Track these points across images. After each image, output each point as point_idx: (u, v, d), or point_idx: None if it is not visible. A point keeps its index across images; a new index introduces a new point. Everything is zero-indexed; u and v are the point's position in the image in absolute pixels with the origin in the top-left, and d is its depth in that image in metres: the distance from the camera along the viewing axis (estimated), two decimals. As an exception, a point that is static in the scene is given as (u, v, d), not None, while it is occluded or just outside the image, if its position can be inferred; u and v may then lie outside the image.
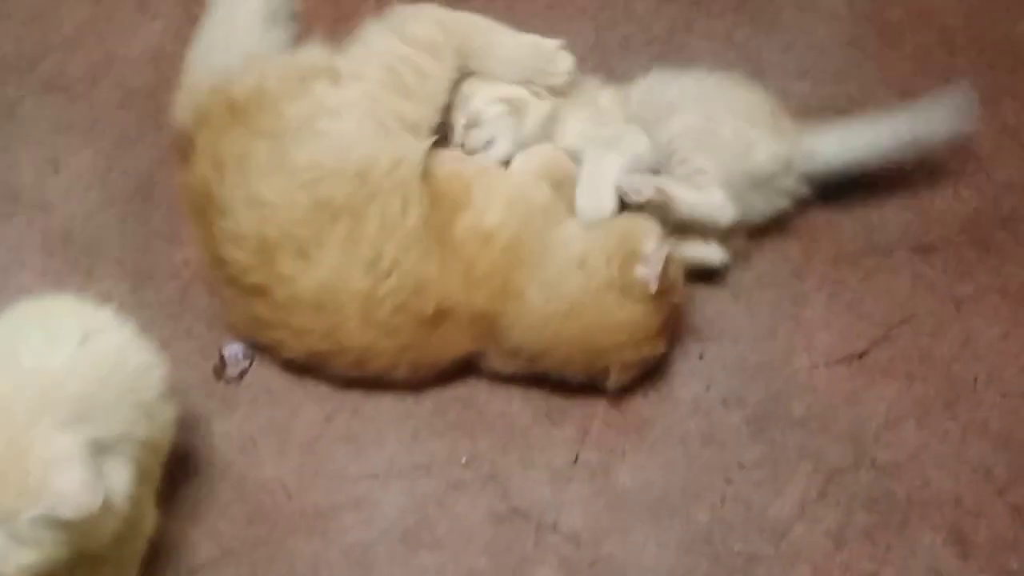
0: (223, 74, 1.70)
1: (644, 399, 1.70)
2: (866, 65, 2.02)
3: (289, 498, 1.61)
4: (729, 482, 1.64)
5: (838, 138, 1.78)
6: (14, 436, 1.25)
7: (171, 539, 1.55)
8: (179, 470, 1.58)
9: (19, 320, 1.41)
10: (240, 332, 1.70)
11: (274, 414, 1.67)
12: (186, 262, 1.75)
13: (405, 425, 1.67)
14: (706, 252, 1.74)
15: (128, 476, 1.33)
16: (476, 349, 1.66)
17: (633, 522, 1.61)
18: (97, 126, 1.86)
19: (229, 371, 1.70)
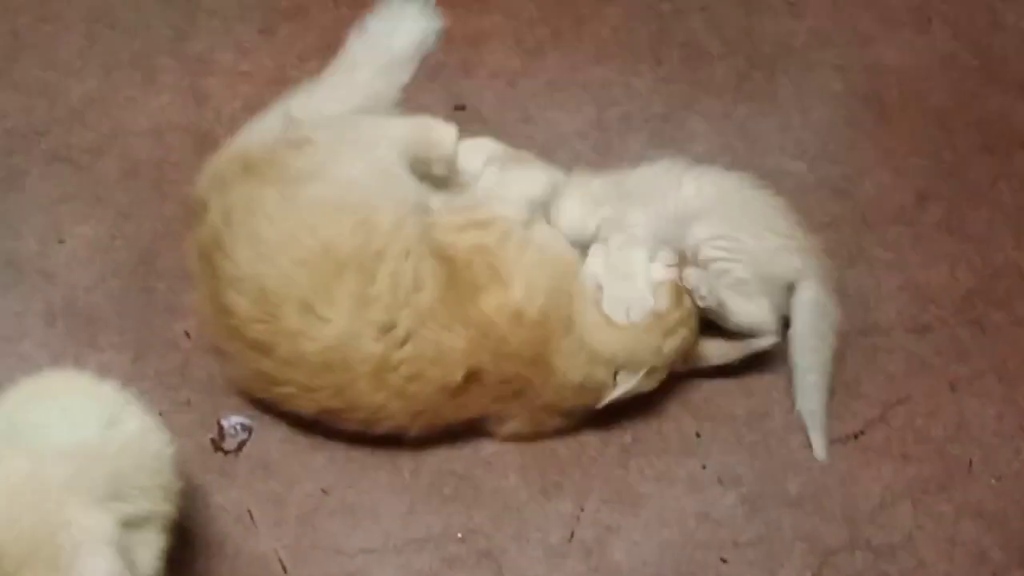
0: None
1: (640, 476, 1.70)
2: (862, 144, 2.05)
3: (285, 572, 1.61)
4: (724, 561, 1.63)
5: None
6: (48, 512, 1.24)
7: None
8: (176, 542, 1.56)
9: (34, 397, 1.41)
10: (244, 388, 1.69)
11: (271, 486, 1.67)
12: (187, 333, 1.76)
13: (402, 499, 1.67)
14: (757, 344, 1.75)
15: (155, 555, 1.34)
16: (496, 410, 1.67)
17: (628, 601, 1.60)
18: (101, 198, 1.87)
19: (228, 443, 1.70)
